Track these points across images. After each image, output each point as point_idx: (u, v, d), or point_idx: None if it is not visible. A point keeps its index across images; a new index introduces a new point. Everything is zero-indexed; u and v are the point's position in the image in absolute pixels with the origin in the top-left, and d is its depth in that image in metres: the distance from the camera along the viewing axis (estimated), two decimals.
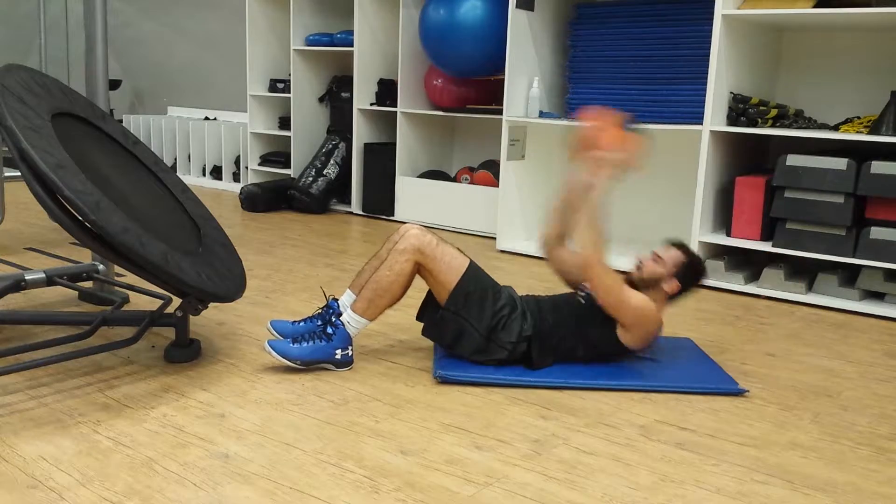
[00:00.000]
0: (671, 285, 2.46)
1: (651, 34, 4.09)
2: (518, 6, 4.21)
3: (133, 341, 2.38)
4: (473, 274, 2.45)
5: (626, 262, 3.99)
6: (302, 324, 2.60)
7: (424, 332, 2.53)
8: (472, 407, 2.21)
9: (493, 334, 2.42)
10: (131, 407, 2.13)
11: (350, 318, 2.43)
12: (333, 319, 2.45)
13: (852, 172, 3.33)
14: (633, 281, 2.48)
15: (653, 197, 4.56)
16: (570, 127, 4.61)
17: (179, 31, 7.26)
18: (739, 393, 2.38)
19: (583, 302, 2.51)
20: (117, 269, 3.43)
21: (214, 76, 7.01)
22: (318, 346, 2.40)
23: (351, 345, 2.45)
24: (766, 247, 3.61)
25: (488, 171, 4.94)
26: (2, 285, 2.68)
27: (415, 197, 5.09)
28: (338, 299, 2.61)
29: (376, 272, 2.44)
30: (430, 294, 2.52)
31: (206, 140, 6.51)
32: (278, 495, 1.70)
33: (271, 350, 2.38)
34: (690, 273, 2.50)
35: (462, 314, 2.42)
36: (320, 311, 2.60)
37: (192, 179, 6.58)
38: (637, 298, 2.39)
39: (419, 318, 2.58)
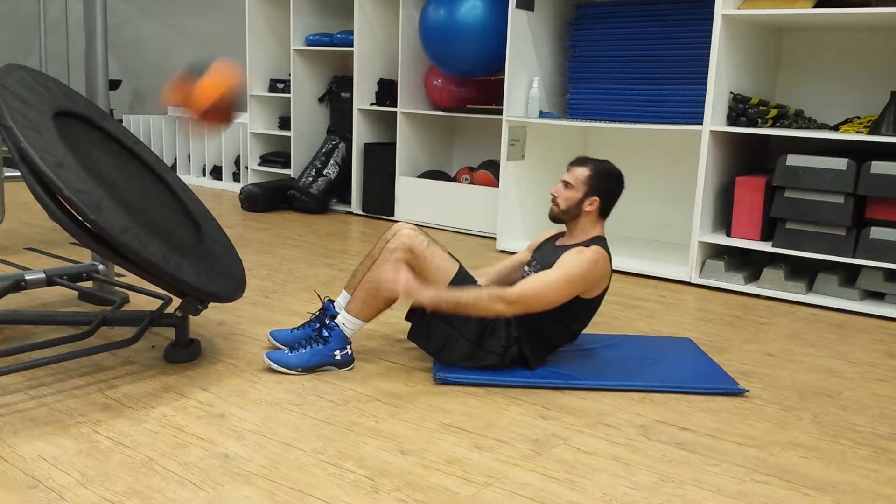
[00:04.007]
0: (591, 203, 2.41)
1: (651, 34, 4.09)
2: (518, 6, 4.21)
3: (133, 341, 2.38)
4: (462, 279, 2.43)
5: (626, 260, 4.00)
6: (299, 330, 2.60)
7: (410, 336, 2.50)
8: (472, 407, 2.21)
9: (482, 340, 2.40)
10: (131, 407, 2.13)
11: (345, 320, 2.43)
12: (328, 321, 2.44)
13: (852, 172, 3.33)
14: (558, 217, 2.46)
15: (653, 197, 4.56)
16: (564, 127, 4.61)
17: (179, 31, 7.26)
18: (739, 393, 2.38)
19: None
20: (117, 269, 3.43)
21: None
22: (316, 350, 2.40)
23: (349, 344, 2.45)
24: (766, 247, 3.61)
25: (488, 171, 4.94)
26: (2, 285, 2.68)
27: (415, 197, 5.09)
28: (333, 301, 2.60)
29: (369, 272, 2.43)
30: None
31: (206, 140, 6.51)
32: (278, 495, 1.70)
33: (271, 362, 2.39)
34: (604, 181, 2.42)
35: (449, 320, 2.39)
36: (316, 314, 2.60)
37: (192, 179, 6.58)
38: (547, 280, 2.31)
39: (408, 317, 2.56)
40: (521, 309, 2.31)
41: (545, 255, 2.49)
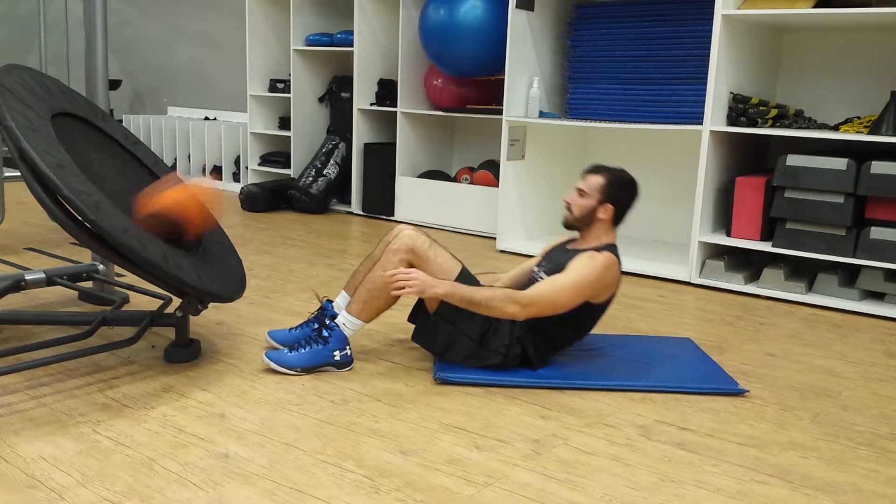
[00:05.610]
0: (605, 211, 2.43)
1: (651, 34, 4.09)
2: (518, 6, 4.21)
3: (133, 341, 2.38)
4: (465, 279, 2.43)
5: (626, 260, 4.00)
6: (297, 330, 2.60)
7: (415, 338, 2.51)
8: (472, 407, 2.21)
9: (485, 339, 2.40)
10: (131, 407, 2.13)
11: (345, 320, 2.43)
12: (328, 322, 2.44)
13: (852, 172, 3.33)
14: (572, 225, 2.48)
15: (653, 197, 4.56)
16: (566, 128, 4.61)
17: (179, 32, 7.26)
18: (739, 393, 2.38)
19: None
20: (117, 269, 3.43)
21: (214, 76, 7.01)
22: (315, 350, 2.40)
23: (348, 344, 2.44)
24: (766, 247, 3.61)
25: (488, 171, 4.94)
26: (2, 285, 2.68)
27: (415, 197, 5.09)
28: (332, 301, 2.60)
29: (370, 273, 2.43)
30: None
31: (206, 140, 6.51)
32: (278, 495, 1.70)
33: (270, 362, 2.39)
34: (618, 189, 2.44)
35: (453, 320, 2.40)
36: (314, 314, 2.60)
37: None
38: (559, 283, 2.32)
39: (411, 319, 2.57)
40: (534, 312, 2.31)
41: (556, 257, 2.49)
